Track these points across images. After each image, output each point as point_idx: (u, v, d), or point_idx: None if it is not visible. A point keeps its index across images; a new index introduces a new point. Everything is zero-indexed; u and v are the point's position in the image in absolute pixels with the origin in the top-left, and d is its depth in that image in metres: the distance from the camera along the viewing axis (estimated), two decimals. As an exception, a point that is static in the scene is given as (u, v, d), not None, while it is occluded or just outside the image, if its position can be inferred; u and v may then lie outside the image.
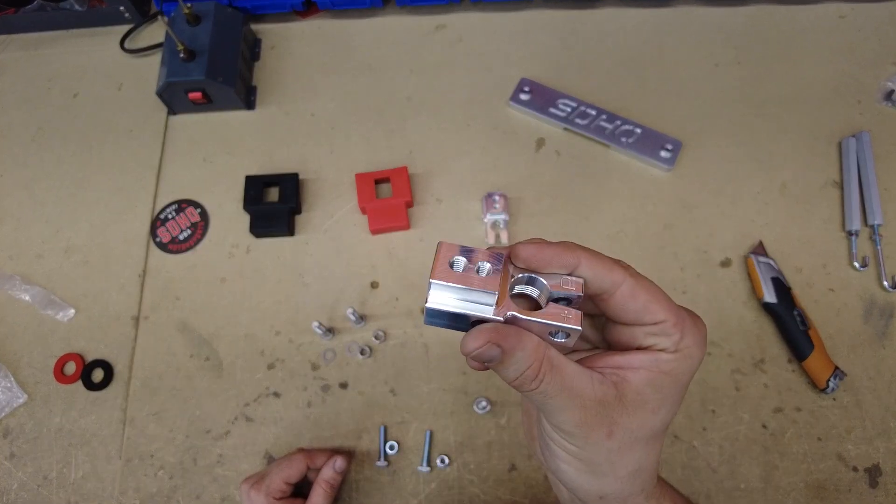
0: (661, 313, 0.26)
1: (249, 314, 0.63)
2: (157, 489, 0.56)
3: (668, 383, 0.26)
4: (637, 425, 0.26)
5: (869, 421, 0.57)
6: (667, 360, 0.26)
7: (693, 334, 0.27)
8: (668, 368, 0.26)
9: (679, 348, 0.26)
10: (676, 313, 0.26)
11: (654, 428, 0.27)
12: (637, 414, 0.26)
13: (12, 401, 0.60)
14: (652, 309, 0.26)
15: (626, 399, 0.26)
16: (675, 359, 0.26)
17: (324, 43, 0.77)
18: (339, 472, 0.52)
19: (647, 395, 0.26)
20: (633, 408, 0.26)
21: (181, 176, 0.70)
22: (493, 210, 0.64)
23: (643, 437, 0.27)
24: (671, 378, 0.26)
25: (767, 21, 0.76)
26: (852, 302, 0.61)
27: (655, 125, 0.69)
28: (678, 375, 0.27)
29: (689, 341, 0.27)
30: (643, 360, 0.26)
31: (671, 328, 0.26)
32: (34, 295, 0.64)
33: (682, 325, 0.26)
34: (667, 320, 0.26)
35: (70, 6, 0.76)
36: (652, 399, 0.26)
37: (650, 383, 0.26)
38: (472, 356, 0.25)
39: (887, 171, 0.67)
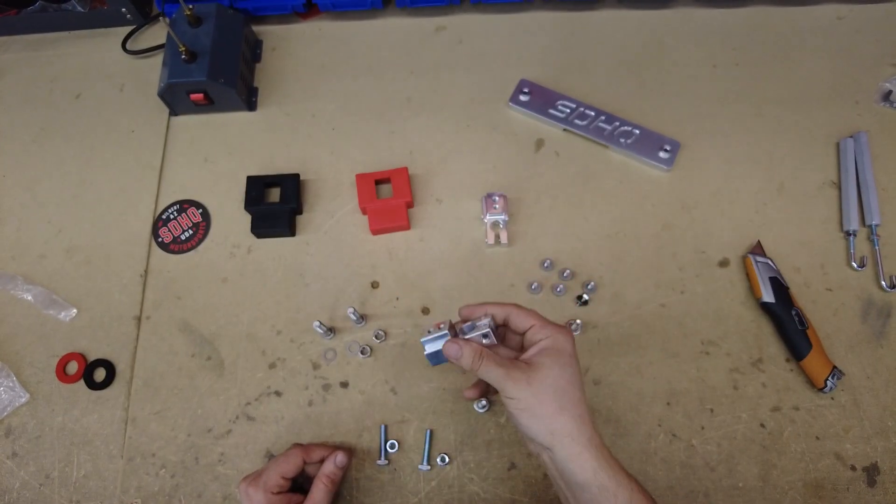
0: (531, 320, 0.46)
1: (251, 314, 0.63)
2: (159, 488, 0.57)
3: (555, 356, 0.44)
4: (543, 376, 0.43)
5: (867, 420, 0.57)
6: (547, 343, 0.45)
7: (556, 329, 0.45)
8: (544, 345, 0.44)
9: (551, 336, 0.45)
10: (541, 320, 0.46)
11: (556, 379, 0.43)
12: (540, 370, 0.43)
13: (14, 400, 0.60)
14: (526, 320, 0.46)
15: (533, 366, 0.43)
16: (551, 342, 0.45)
17: (324, 44, 0.77)
18: (339, 468, 0.52)
19: (542, 360, 0.44)
20: (537, 368, 0.43)
21: (183, 176, 0.70)
22: (493, 210, 0.64)
23: (552, 386, 0.43)
24: (556, 352, 0.44)
25: (766, 22, 0.76)
26: (850, 302, 0.62)
27: (654, 126, 0.69)
28: (559, 351, 0.44)
29: (555, 333, 0.45)
30: (535, 348, 0.45)
31: (539, 328, 0.46)
32: (36, 295, 0.64)
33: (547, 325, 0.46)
34: (535, 324, 0.46)
35: (72, 7, 0.76)
36: (546, 362, 0.43)
37: (541, 355, 0.44)
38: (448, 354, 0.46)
39: (885, 171, 0.67)
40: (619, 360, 0.60)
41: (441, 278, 0.64)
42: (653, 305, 0.62)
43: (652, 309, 0.62)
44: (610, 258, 0.64)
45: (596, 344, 0.61)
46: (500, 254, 0.65)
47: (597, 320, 0.62)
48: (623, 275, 0.64)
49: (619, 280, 0.63)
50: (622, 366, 0.60)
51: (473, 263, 0.65)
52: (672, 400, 0.58)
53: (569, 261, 0.64)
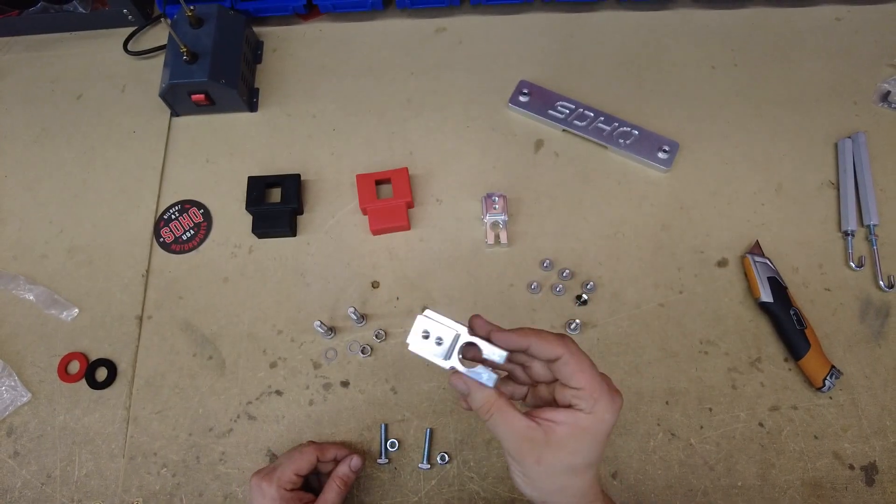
0: (582, 381, 0.37)
1: (252, 313, 0.63)
2: (160, 487, 0.57)
3: (583, 436, 0.37)
4: (558, 461, 0.37)
5: (865, 419, 0.58)
6: (583, 419, 0.37)
7: (606, 402, 0.37)
8: (584, 425, 0.37)
9: (593, 411, 0.36)
10: (594, 384, 0.37)
11: (574, 464, 0.37)
12: (558, 453, 0.37)
13: (16, 399, 0.60)
14: (577, 377, 0.37)
15: (551, 441, 0.37)
16: (589, 419, 0.37)
17: (325, 45, 0.78)
18: (354, 471, 0.53)
19: (567, 442, 0.37)
20: (556, 448, 0.36)
21: (184, 177, 0.71)
22: (493, 210, 0.64)
23: (564, 468, 0.37)
24: (586, 432, 0.37)
25: (764, 23, 0.77)
26: (848, 301, 0.62)
27: (653, 127, 0.69)
28: (592, 432, 0.37)
29: (601, 407, 0.37)
30: (566, 416, 0.37)
31: (587, 395, 0.37)
32: (38, 294, 0.64)
33: (598, 394, 0.37)
34: (584, 388, 0.37)
35: (73, 8, 0.76)
36: (570, 445, 0.37)
37: (570, 434, 0.37)
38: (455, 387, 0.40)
39: (883, 171, 0.67)
40: (618, 360, 0.60)
41: (441, 278, 0.64)
42: (652, 305, 0.62)
43: (651, 309, 0.62)
44: (609, 258, 0.65)
45: (595, 343, 0.61)
46: (499, 254, 0.65)
47: (596, 320, 0.62)
48: (622, 275, 0.64)
49: (618, 280, 0.64)
50: (621, 365, 0.60)
51: (473, 263, 0.65)
52: (671, 399, 0.59)
53: (568, 261, 0.65)
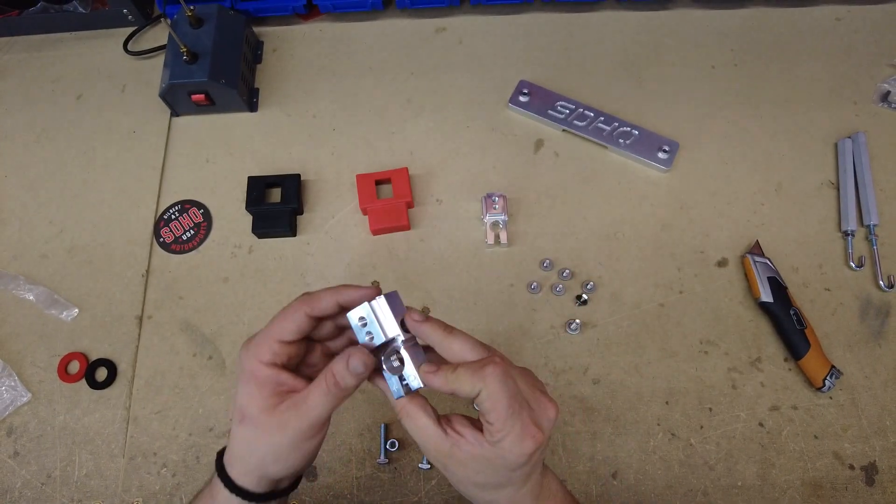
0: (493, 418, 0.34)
1: (252, 313, 0.63)
2: (160, 487, 0.57)
3: (485, 462, 0.35)
4: (464, 476, 0.35)
5: (865, 419, 0.58)
6: (486, 448, 0.35)
7: (513, 440, 0.34)
8: (485, 454, 0.35)
9: (497, 445, 0.34)
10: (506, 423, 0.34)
11: (480, 482, 0.35)
12: (463, 469, 0.35)
13: (16, 399, 0.60)
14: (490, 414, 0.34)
15: (455, 456, 0.35)
16: (491, 450, 0.34)
17: (325, 45, 0.78)
18: (354, 374, 0.36)
19: (469, 462, 0.35)
20: (460, 464, 0.35)
21: (184, 177, 0.71)
22: (493, 210, 0.64)
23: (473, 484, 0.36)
24: (488, 461, 0.35)
25: (764, 23, 0.77)
26: (848, 301, 0.62)
27: (653, 127, 0.70)
28: (493, 462, 0.35)
29: (507, 444, 0.34)
30: (472, 437, 0.35)
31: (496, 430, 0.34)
32: (38, 294, 0.64)
33: (506, 432, 0.34)
34: (494, 424, 0.34)
35: (73, 8, 0.76)
36: (472, 466, 0.35)
37: (472, 456, 0.35)
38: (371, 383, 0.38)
39: (883, 171, 0.67)
40: (618, 360, 0.60)
41: (441, 278, 0.64)
42: (652, 305, 0.62)
43: (651, 308, 0.62)
44: (609, 258, 0.65)
45: (595, 343, 0.61)
46: (499, 254, 0.65)
47: (596, 320, 0.62)
48: (622, 274, 0.64)
49: (618, 280, 0.64)
50: (621, 365, 0.60)
51: (473, 263, 0.65)
52: (671, 399, 0.59)
53: (568, 261, 0.65)
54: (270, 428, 0.35)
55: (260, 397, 0.36)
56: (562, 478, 0.56)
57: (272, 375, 0.36)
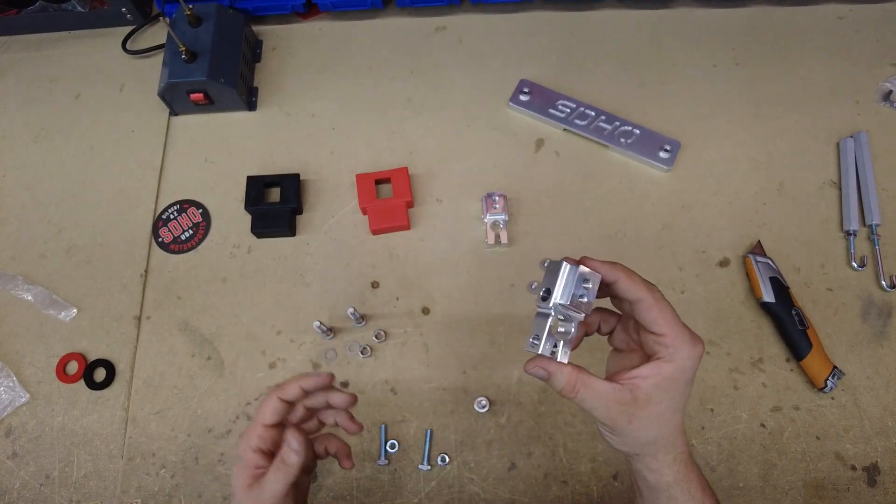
0: (663, 328, 0.37)
1: (251, 314, 0.63)
2: (159, 488, 0.57)
3: (668, 385, 0.37)
4: (648, 413, 0.37)
5: (867, 420, 0.57)
6: (666, 368, 0.37)
7: (688, 349, 0.37)
8: (667, 374, 0.37)
9: (674, 359, 0.37)
10: (675, 331, 0.37)
11: (662, 414, 0.38)
12: (647, 407, 0.37)
13: (14, 400, 0.60)
14: (659, 323, 0.37)
15: (638, 399, 0.37)
16: (671, 367, 0.37)
17: (325, 44, 0.78)
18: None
19: (653, 394, 0.37)
20: (644, 403, 0.37)
21: (183, 176, 0.70)
22: (493, 210, 0.64)
23: (654, 420, 0.38)
24: (670, 381, 0.37)
25: (766, 22, 0.77)
26: (850, 301, 0.62)
27: (654, 126, 0.69)
28: (675, 379, 0.37)
29: (682, 354, 0.37)
30: (650, 370, 0.37)
31: (668, 341, 0.37)
32: (36, 294, 0.64)
33: (678, 341, 0.37)
34: (666, 335, 0.37)
35: (72, 7, 0.76)
36: (656, 396, 0.37)
37: (655, 386, 0.37)
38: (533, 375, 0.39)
39: (885, 171, 0.67)
40: (620, 360, 0.60)
41: (441, 278, 0.64)
42: (653, 305, 0.62)
43: (652, 309, 0.62)
44: (610, 258, 0.64)
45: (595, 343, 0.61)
46: (500, 254, 0.65)
47: (597, 320, 0.62)
48: (623, 275, 0.64)
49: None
50: (622, 366, 0.60)
51: (473, 263, 0.65)
52: (672, 400, 0.58)
53: (569, 261, 0.64)
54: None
55: (242, 477, 0.42)
56: (562, 479, 0.56)
57: (254, 459, 0.42)
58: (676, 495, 0.39)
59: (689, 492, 0.39)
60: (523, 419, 0.58)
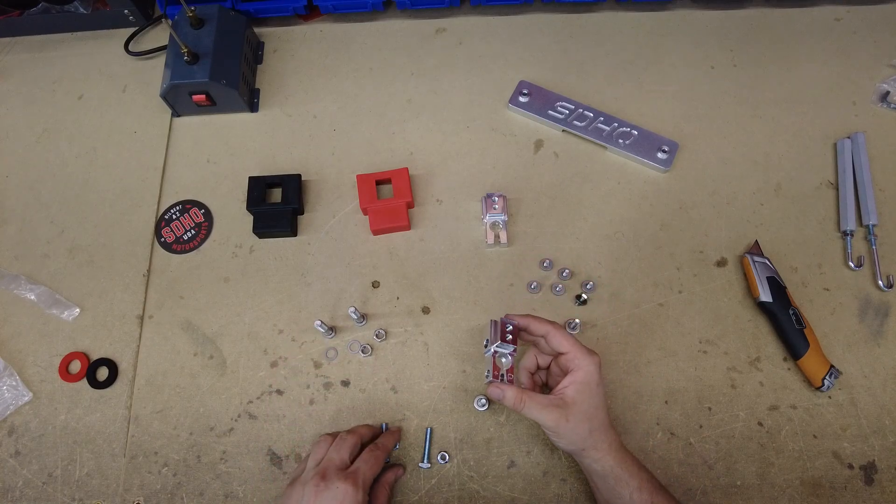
0: (566, 347, 0.51)
1: (252, 313, 0.64)
2: (161, 486, 0.57)
3: (582, 387, 0.50)
4: (577, 412, 0.49)
5: (864, 419, 0.58)
6: (578, 374, 0.50)
7: (587, 359, 0.51)
8: (579, 378, 0.50)
9: (580, 367, 0.50)
10: (575, 348, 0.51)
11: (587, 410, 0.50)
12: (575, 407, 0.50)
13: (18, 399, 0.61)
14: (563, 344, 0.51)
15: (567, 402, 0.50)
16: (581, 373, 0.50)
17: (326, 46, 0.78)
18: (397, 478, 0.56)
19: (576, 396, 0.50)
20: (572, 405, 0.50)
21: (185, 177, 0.71)
22: (493, 211, 0.64)
23: (584, 416, 0.50)
24: (583, 384, 0.50)
25: (763, 23, 0.77)
26: (847, 301, 0.62)
27: (652, 127, 0.70)
28: (586, 382, 0.50)
29: (585, 363, 0.50)
30: (568, 380, 0.51)
31: (572, 356, 0.51)
32: (39, 294, 0.65)
33: (579, 353, 0.51)
34: (569, 351, 0.51)
35: (75, 9, 0.77)
36: (579, 397, 0.50)
37: (575, 391, 0.50)
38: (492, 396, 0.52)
39: (882, 171, 0.67)
40: (618, 359, 0.60)
41: (441, 278, 0.64)
42: (651, 305, 0.63)
43: (650, 308, 0.62)
44: (609, 258, 0.65)
45: (595, 343, 0.61)
46: (499, 254, 0.66)
47: (595, 319, 0.62)
48: (621, 274, 0.64)
49: (617, 280, 0.64)
50: (620, 364, 0.60)
51: (473, 263, 0.65)
52: (670, 398, 0.59)
53: (568, 260, 0.65)
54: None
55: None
56: (561, 477, 0.56)
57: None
58: (619, 474, 0.50)
59: (628, 470, 0.50)
60: (522, 418, 0.58)
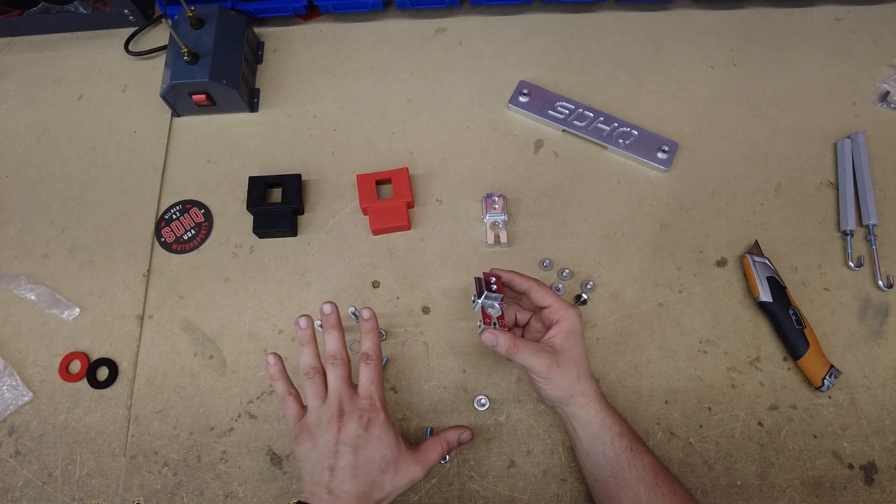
0: (549, 301, 0.54)
1: (252, 313, 0.64)
2: (161, 486, 0.57)
3: (569, 336, 0.53)
4: (566, 359, 0.52)
5: (864, 419, 0.58)
6: (564, 324, 0.53)
7: (569, 311, 0.53)
8: (565, 328, 0.53)
9: (563, 317, 0.53)
10: (558, 301, 0.54)
11: (574, 357, 0.52)
12: (564, 353, 0.52)
13: (18, 399, 0.61)
14: (545, 299, 0.54)
15: (556, 349, 0.52)
16: (566, 322, 0.53)
17: (326, 46, 0.78)
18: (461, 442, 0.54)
19: (564, 343, 0.52)
20: (562, 351, 0.52)
21: (185, 177, 0.71)
22: (493, 211, 0.64)
23: (572, 363, 0.52)
24: (569, 332, 0.53)
25: (763, 23, 0.77)
26: (847, 301, 0.62)
27: (652, 127, 0.70)
28: (571, 331, 0.53)
29: (567, 313, 0.53)
30: (555, 330, 0.53)
31: (555, 308, 0.53)
32: (39, 294, 0.65)
33: (561, 305, 0.53)
34: (552, 304, 0.54)
35: (75, 9, 0.77)
36: (567, 344, 0.52)
37: (563, 338, 0.53)
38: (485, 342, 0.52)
39: (882, 171, 0.67)
40: (618, 359, 0.60)
41: (441, 278, 0.64)
42: (651, 305, 0.63)
43: (650, 308, 0.62)
44: (608, 258, 0.65)
45: (594, 343, 0.61)
46: (499, 254, 0.66)
47: (595, 319, 0.62)
48: (621, 274, 0.64)
49: (617, 279, 0.64)
50: (620, 364, 0.60)
51: (473, 263, 0.65)
52: (670, 398, 0.59)
53: (568, 260, 0.65)
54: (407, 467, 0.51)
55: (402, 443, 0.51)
56: (561, 477, 0.56)
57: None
58: (604, 419, 0.52)
59: (611, 416, 0.52)
60: (522, 417, 0.58)
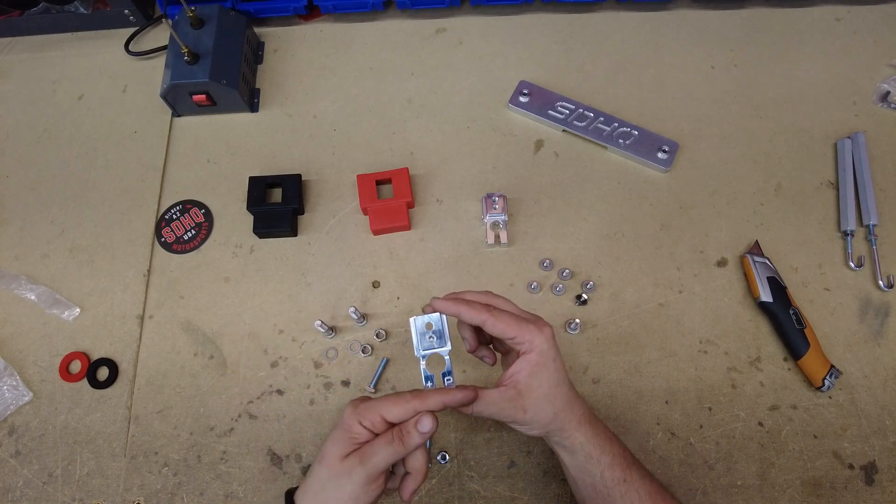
0: (511, 331, 0.44)
1: (253, 313, 0.64)
2: (162, 486, 0.57)
3: (537, 370, 0.44)
4: (535, 399, 0.44)
5: (865, 419, 0.58)
6: (530, 357, 0.44)
7: (537, 336, 0.44)
8: (532, 361, 0.44)
9: (532, 348, 0.44)
10: (521, 328, 0.44)
11: (546, 393, 0.44)
12: (531, 394, 0.44)
13: (18, 399, 0.61)
14: (505, 331, 0.44)
15: (521, 391, 0.44)
16: (533, 355, 0.44)
17: (326, 46, 0.78)
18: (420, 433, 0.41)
19: (531, 382, 0.44)
20: (527, 392, 0.44)
21: (185, 177, 0.71)
22: (493, 211, 0.64)
23: (542, 400, 0.44)
24: (537, 366, 0.44)
25: (764, 23, 0.77)
26: (848, 301, 0.62)
27: (652, 127, 0.70)
28: (541, 363, 0.44)
29: (536, 342, 0.44)
30: (519, 365, 0.44)
31: (520, 339, 0.44)
32: (40, 294, 0.65)
33: (527, 334, 0.44)
34: (516, 335, 0.44)
35: (75, 9, 0.77)
36: (534, 382, 0.44)
37: (528, 375, 0.44)
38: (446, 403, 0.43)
39: (882, 171, 0.67)
40: (618, 359, 0.60)
41: (441, 278, 0.64)
42: (651, 305, 0.63)
43: (650, 308, 0.62)
44: (609, 258, 0.65)
45: (595, 343, 0.61)
46: (499, 254, 0.66)
47: (596, 319, 0.62)
48: (622, 274, 0.64)
49: (617, 280, 0.64)
50: (621, 365, 0.60)
51: (473, 263, 0.65)
52: (670, 399, 0.59)
53: (568, 260, 0.65)
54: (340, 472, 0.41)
55: (341, 445, 0.41)
56: (561, 477, 0.56)
57: (360, 432, 0.42)
58: (590, 451, 0.46)
59: (599, 446, 0.46)
60: (523, 418, 0.58)
